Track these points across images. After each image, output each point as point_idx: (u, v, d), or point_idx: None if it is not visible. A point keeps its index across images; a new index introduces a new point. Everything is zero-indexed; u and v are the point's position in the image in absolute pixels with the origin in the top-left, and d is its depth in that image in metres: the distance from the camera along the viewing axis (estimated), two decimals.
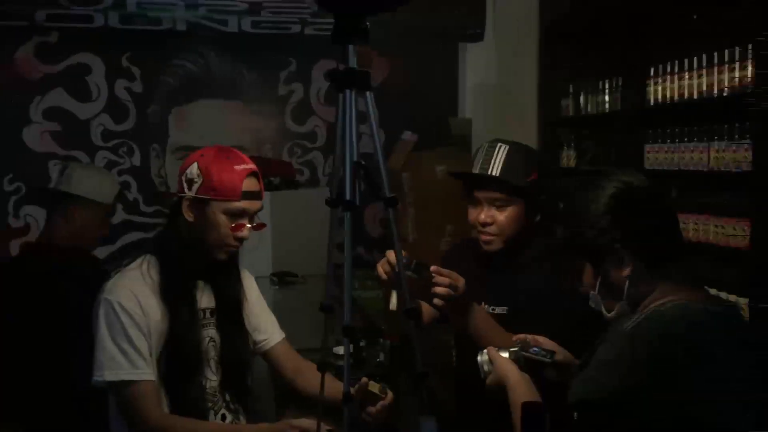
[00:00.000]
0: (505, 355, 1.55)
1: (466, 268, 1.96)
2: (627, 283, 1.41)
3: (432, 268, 1.74)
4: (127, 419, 1.67)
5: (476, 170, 1.90)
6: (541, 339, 1.63)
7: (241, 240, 1.76)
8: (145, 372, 1.67)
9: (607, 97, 3.22)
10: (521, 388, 1.47)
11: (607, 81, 3.21)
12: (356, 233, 1.48)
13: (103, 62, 3.66)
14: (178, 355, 1.71)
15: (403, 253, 1.68)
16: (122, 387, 1.66)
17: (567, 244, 1.49)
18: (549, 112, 3.67)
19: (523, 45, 3.69)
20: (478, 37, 3.44)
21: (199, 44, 3.74)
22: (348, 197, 1.43)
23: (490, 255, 1.93)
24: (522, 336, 1.64)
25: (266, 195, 3.33)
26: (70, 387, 2.11)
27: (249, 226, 1.76)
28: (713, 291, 2.24)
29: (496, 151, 1.88)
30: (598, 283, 1.44)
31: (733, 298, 2.34)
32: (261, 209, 1.79)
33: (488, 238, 1.90)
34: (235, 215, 1.73)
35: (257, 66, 3.85)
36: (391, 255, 1.73)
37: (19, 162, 3.59)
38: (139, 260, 1.78)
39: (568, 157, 3.55)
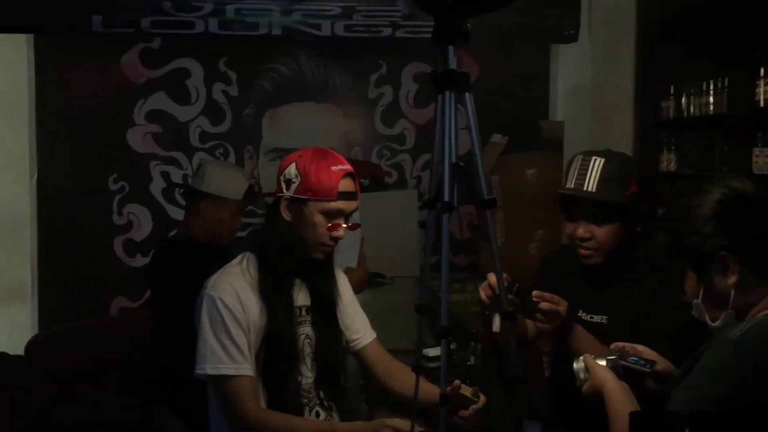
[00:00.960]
0: (602, 363, 1.52)
1: (565, 275, 1.93)
2: (733, 291, 1.36)
3: (534, 293, 1.73)
4: (226, 412, 1.73)
5: (570, 185, 1.84)
6: (640, 348, 1.59)
7: (336, 239, 1.79)
8: (244, 367, 1.71)
9: (711, 98, 3.09)
10: (619, 396, 1.44)
11: (711, 81, 3.09)
12: (438, 237, 1.48)
13: (201, 67, 3.79)
14: (275, 352, 1.75)
15: (505, 276, 1.68)
16: (222, 381, 1.71)
17: (670, 251, 1.45)
18: (648, 115, 3.55)
19: (620, 45, 3.58)
20: (572, 38, 3.36)
21: (292, 48, 3.83)
22: (446, 198, 1.42)
23: (589, 265, 1.89)
24: (620, 344, 1.60)
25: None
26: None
27: (345, 226, 1.79)
28: None
29: (591, 165, 1.82)
30: (701, 291, 1.39)
31: None
32: (356, 209, 1.81)
33: (587, 252, 1.86)
34: (332, 215, 1.76)
35: (348, 69, 3.91)
36: (492, 278, 1.73)
37: (123, 162, 3.76)
38: (239, 257, 1.84)
39: (668, 161, 3.43)
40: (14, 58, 3.58)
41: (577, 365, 1.55)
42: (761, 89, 2.70)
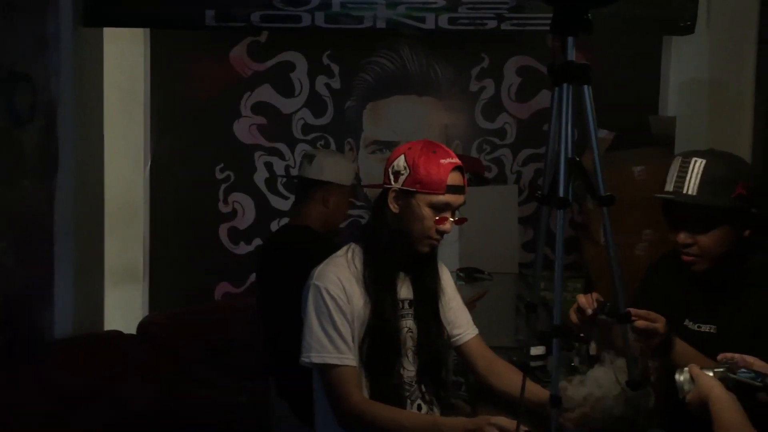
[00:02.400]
0: (710, 374, 1.44)
1: (671, 282, 1.84)
2: None
3: (629, 310, 1.65)
4: (330, 400, 1.75)
5: (669, 188, 1.75)
6: (751, 359, 1.49)
7: (442, 233, 1.77)
8: (348, 357, 1.73)
9: None
10: (726, 404, 1.36)
11: None
12: (547, 233, 1.44)
13: (305, 60, 3.86)
14: (378, 343, 1.76)
15: (595, 295, 1.63)
16: (326, 370, 1.73)
17: None
18: None
19: (741, 37, 3.37)
20: (689, 29, 3.19)
21: (395, 41, 3.84)
22: (561, 194, 1.40)
23: (697, 271, 1.79)
24: (729, 355, 1.50)
25: None
26: None
27: (451, 219, 1.77)
28: None
29: (691, 167, 1.72)
30: None
31: None
32: (464, 204, 1.79)
33: (691, 259, 1.76)
34: (439, 208, 1.75)
35: (450, 62, 3.88)
36: (581, 300, 1.70)
37: (229, 153, 3.89)
38: (344, 248, 1.86)
39: None
40: (132, 52, 3.77)
41: (682, 377, 1.47)
42: None
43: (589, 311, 1.70)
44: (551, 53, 3.75)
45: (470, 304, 2.02)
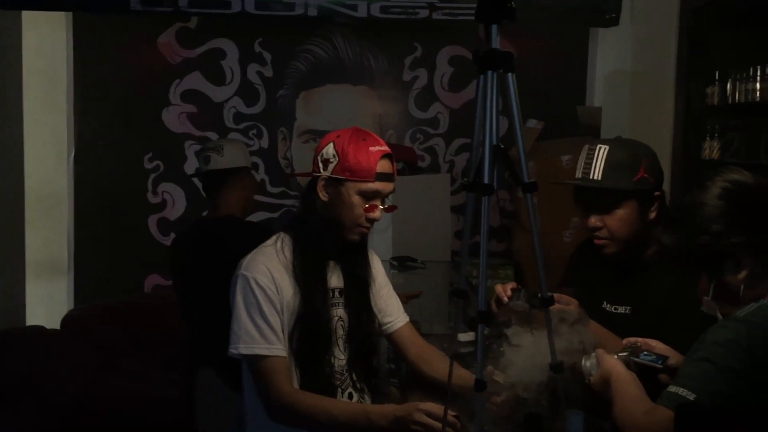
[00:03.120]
0: (614, 357, 1.53)
1: (589, 266, 1.91)
2: (743, 285, 1.35)
3: (555, 296, 1.70)
4: (259, 392, 1.73)
5: (578, 175, 1.82)
6: (653, 343, 1.57)
7: (372, 221, 1.77)
8: (278, 348, 1.71)
9: (758, 85, 3.00)
10: (625, 380, 1.44)
11: (759, 68, 2.99)
12: (475, 221, 1.46)
13: (237, 47, 3.79)
14: (308, 334, 1.75)
15: (511, 285, 1.74)
16: (256, 361, 1.71)
17: (679, 253, 1.42)
18: (690, 101, 3.45)
19: (663, 29, 3.49)
20: (613, 21, 3.27)
21: (328, 30, 3.81)
22: (486, 181, 1.40)
23: (609, 255, 1.85)
24: (632, 340, 1.57)
25: None
26: None
27: (381, 207, 1.77)
28: None
29: (597, 153, 1.80)
30: (711, 288, 1.37)
31: None
32: (393, 191, 1.79)
33: (601, 242, 1.83)
34: (369, 196, 1.74)
35: (383, 51, 3.87)
36: (498, 289, 1.77)
37: (158, 142, 3.79)
38: (273, 238, 1.83)
39: (711, 149, 3.33)
40: (53, 36, 3.61)
41: (588, 362, 1.54)
42: None
43: (505, 299, 1.76)
44: (479, 42, 3.79)
45: (403, 298, 2.03)
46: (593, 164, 1.79)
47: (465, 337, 2.17)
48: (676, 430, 1.19)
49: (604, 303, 1.88)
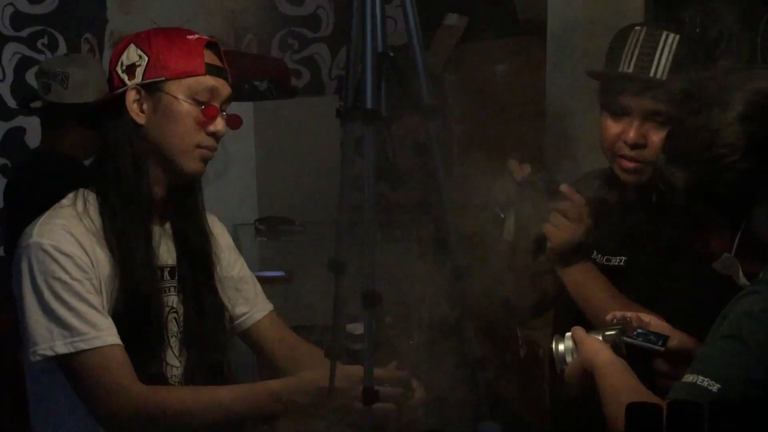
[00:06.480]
0: (597, 338, 1.55)
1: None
2: None
3: (563, 187, 1.81)
4: (90, 397, 1.71)
5: (629, 69, 1.85)
6: (647, 318, 1.62)
7: (215, 136, 1.78)
8: (111, 333, 1.70)
9: None
10: (615, 367, 1.46)
11: None
12: (380, 162, 1.48)
13: None
14: (128, 330, 1.74)
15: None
16: (81, 359, 1.68)
17: (691, 196, 1.45)
18: None
19: None
20: None
21: None
22: (369, 105, 1.43)
23: (623, 191, 1.92)
24: (620, 314, 1.63)
25: (248, 108, 3.41)
26: None
27: (224, 113, 1.79)
28: None
29: (662, 43, 1.83)
30: (735, 242, 1.41)
31: None
32: (231, 98, 1.82)
33: (634, 165, 1.87)
34: (203, 96, 1.75)
35: None
36: (514, 164, 1.85)
37: None
38: (71, 197, 1.81)
39: None
40: None
41: (563, 345, 1.55)
42: None
43: (519, 177, 1.83)
44: None
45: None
46: (656, 56, 1.82)
47: (360, 328, 2.21)
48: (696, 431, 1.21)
49: (594, 253, 1.96)
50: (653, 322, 1.62)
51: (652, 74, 1.82)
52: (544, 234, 1.89)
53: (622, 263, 1.93)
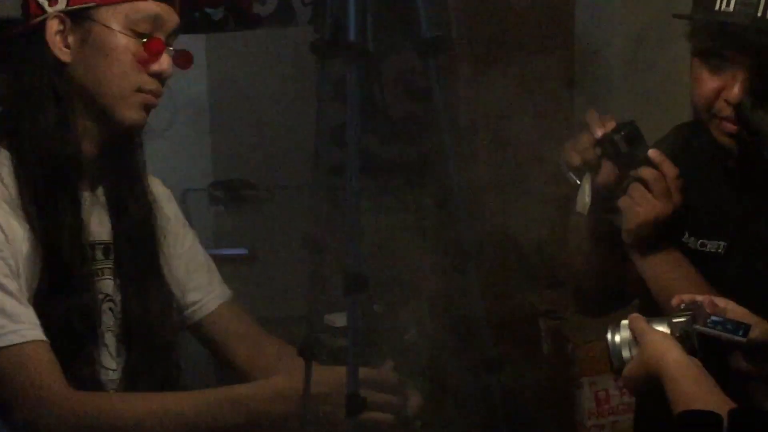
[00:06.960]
0: (663, 329, 1.56)
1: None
2: None
3: (651, 152, 1.82)
4: (10, 412, 1.72)
5: (728, 6, 1.83)
6: (723, 304, 1.63)
7: (160, 77, 1.79)
8: (33, 327, 1.71)
9: None
10: (689, 378, 1.46)
11: None
12: (367, 110, 1.49)
13: None
14: (53, 323, 1.75)
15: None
16: None
17: None
18: None
19: None
20: None
21: None
22: (352, 37, 1.44)
23: (724, 156, 1.92)
24: (688, 297, 1.64)
25: (200, 41, 3.39)
26: None
27: (170, 49, 1.81)
28: None
29: None
30: None
31: None
32: (179, 29, 1.83)
33: (735, 128, 1.89)
34: (146, 27, 1.76)
35: None
36: (593, 116, 1.84)
37: None
38: None
39: None
40: None
41: (619, 336, 1.56)
42: None
43: (598, 133, 1.83)
44: None
45: None
46: None
47: (341, 320, 2.23)
48: None
49: (686, 235, 1.97)
50: (729, 307, 1.63)
51: (760, 13, 1.82)
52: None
53: (721, 249, 1.94)
